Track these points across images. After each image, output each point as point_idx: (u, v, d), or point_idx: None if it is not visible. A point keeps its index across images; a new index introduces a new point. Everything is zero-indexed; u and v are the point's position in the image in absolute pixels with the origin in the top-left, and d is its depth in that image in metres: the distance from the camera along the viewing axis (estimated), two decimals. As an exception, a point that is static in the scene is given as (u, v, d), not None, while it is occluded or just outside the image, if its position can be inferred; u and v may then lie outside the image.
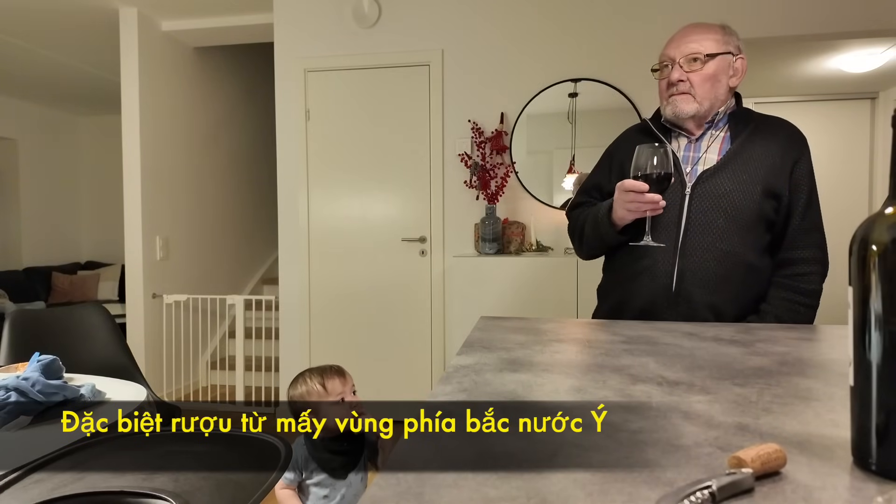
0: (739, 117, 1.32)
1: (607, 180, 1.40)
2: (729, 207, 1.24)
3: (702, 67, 1.26)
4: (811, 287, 1.27)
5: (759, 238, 1.27)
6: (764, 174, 1.25)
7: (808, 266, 1.28)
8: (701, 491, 0.38)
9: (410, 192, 3.23)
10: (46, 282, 5.44)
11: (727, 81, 1.29)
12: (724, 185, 1.25)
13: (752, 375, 0.71)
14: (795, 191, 1.27)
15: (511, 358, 0.81)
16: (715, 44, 1.27)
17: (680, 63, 1.27)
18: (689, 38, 1.28)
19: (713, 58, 1.26)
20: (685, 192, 1.27)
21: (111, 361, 2.14)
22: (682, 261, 1.25)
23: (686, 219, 1.26)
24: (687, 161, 1.30)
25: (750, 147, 1.27)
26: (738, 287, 1.25)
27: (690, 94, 1.26)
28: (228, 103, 4.59)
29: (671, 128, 1.34)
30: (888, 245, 0.43)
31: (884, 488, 0.41)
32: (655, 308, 1.27)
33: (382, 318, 3.27)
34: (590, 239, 1.38)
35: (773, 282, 1.29)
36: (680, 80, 1.26)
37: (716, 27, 1.31)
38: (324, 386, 1.46)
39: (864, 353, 0.44)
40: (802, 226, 1.28)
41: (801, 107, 4.91)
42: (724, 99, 1.30)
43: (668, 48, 1.31)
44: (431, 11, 3.17)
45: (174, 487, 0.92)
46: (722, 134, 1.31)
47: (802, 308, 1.27)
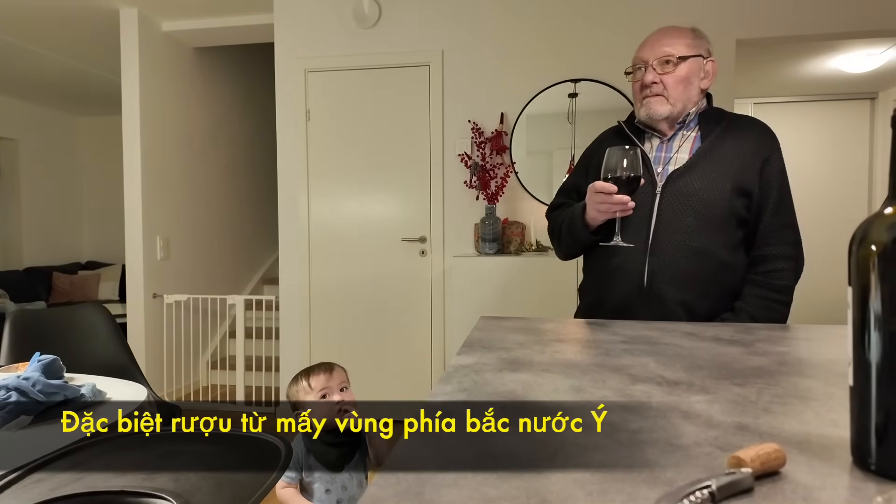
0: (711, 117, 1.35)
1: (584, 181, 1.43)
2: (698, 205, 1.26)
3: (674, 69, 1.28)
4: (783, 283, 1.29)
5: (730, 235, 1.29)
6: (734, 172, 1.27)
7: (781, 263, 1.29)
8: (700, 490, 0.38)
9: (410, 192, 3.23)
10: (47, 282, 5.44)
11: (698, 83, 1.32)
12: (693, 184, 1.27)
13: (751, 375, 0.71)
14: (766, 188, 1.29)
15: (511, 358, 0.81)
16: (686, 47, 1.30)
17: (653, 65, 1.30)
18: (662, 42, 1.31)
19: (685, 60, 1.29)
20: (656, 192, 1.30)
21: (112, 361, 2.14)
22: (652, 259, 1.28)
23: (656, 217, 1.29)
24: (658, 161, 1.33)
25: (720, 145, 1.30)
26: (710, 284, 1.27)
27: (664, 96, 1.29)
28: (229, 103, 4.59)
29: (644, 129, 1.37)
30: (888, 245, 0.43)
31: (883, 488, 0.41)
32: (629, 306, 1.30)
33: (382, 317, 3.27)
34: (566, 239, 1.41)
35: (746, 279, 1.31)
36: (654, 82, 1.29)
37: (687, 30, 1.33)
38: (308, 383, 1.48)
39: (864, 353, 0.44)
40: (774, 222, 1.29)
41: (801, 107, 4.91)
42: (695, 100, 1.33)
43: (642, 51, 1.33)
44: (431, 11, 3.17)
45: (174, 487, 0.92)
46: (693, 134, 1.34)
47: (776, 304, 1.28)
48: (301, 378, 1.50)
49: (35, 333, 2.14)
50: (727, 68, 2.87)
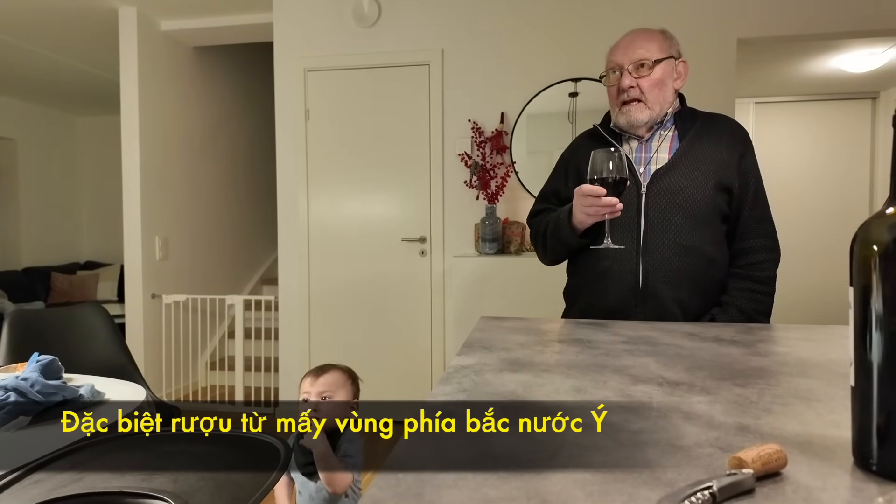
0: (685, 116, 1.36)
1: (564, 186, 1.44)
2: (684, 203, 1.28)
3: (650, 73, 1.30)
4: (766, 274, 1.32)
5: (715, 231, 1.31)
6: (714, 169, 1.30)
7: (762, 254, 1.32)
8: (702, 491, 0.38)
9: (410, 192, 3.23)
10: (46, 282, 5.44)
11: (672, 85, 1.34)
12: (678, 183, 1.29)
13: (752, 376, 0.71)
14: (743, 183, 1.32)
15: (511, 358, 0.81)
16: (659, 48, 1.32)
17: (629, 69, 1.31)
18: (636, 45, 1.32)
19: (660, 63, 1.30)
20: (641, 192, 1.31)
21: (110, 362, 2.14)
22: (645, 259, 1.29)
23: (644, 218, 1.30)
24: (639, 162, 1.34)
25: (698, 144, 1.32)
26: (702, 281, 1.29)
27: (642, 102, 1.30)
28: (228, 103, 4.59)
29: (621, 132, 1.38)
30: (889, 245, 0.43)
31: (884, 489, 0.41)
32: (624, 307, 1.31)
33: (382, 318, 3.27)
34: (552, 244, 1.41)
35: (730, 273, 1.33)
36: (630, 86, 1.30)
37: (657, 32, 1.35)
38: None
39: (865, 353, 0.44)
40: (753, 216, 1.33)
41: (801, 107, 4.91)
42: (671, 101, 1.34)
43: (615, 55, 1.34)
44: (431, 11, 3.17)
45: (174, 487, 0.92)
46: (670, 133, 1.35)
47: (761, 296, 1.31)
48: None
49: (33, 334, 2.13)
50: (728, 68, 2.87)
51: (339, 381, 1.49)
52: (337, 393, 1.47)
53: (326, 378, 1.48)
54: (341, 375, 1.51)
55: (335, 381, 1.48)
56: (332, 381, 1.48)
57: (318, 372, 1.50)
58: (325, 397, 1.45)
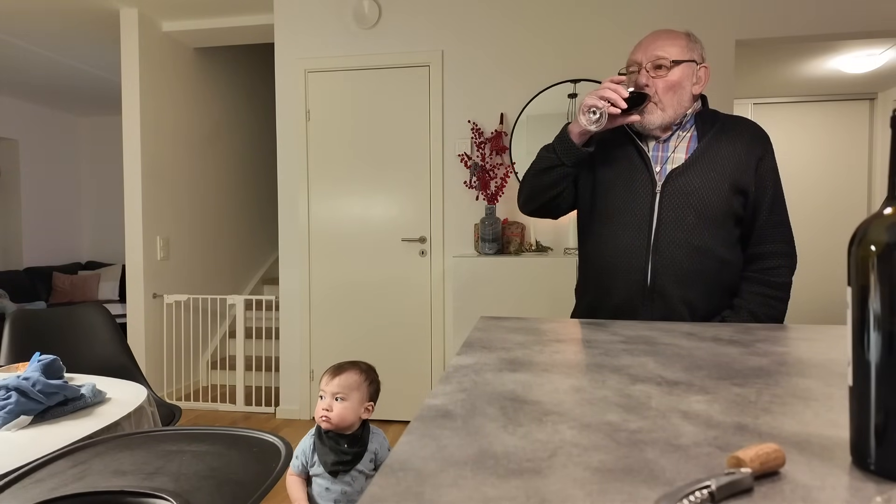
0: (706, 118, 1.35)
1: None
2: (699, 204, 1.28)
3: (667, 74, 1.28)
4: (781, 280, 1.30)
5: (728, 233, 1.30)
6: (731, 171, 1.28)
7: (778, 260, 1.31)
8: (700, 491, 0.38)
9: (410, 193, 3.23)
10: (47, 282, 5.45)
11: (690, 89, 1.32)
12: (693, 183, 1.28)
13: (751, 375, 0.71)
14: (761, 187, 1.30)
15: (511, 358, 0.81)
16: (680, 51, 1.30)
17: (646, 68, 1.30)
18: (656, 45, 1.31)
19: (678, 65, 1.29)
20: (655, 191, 1.30)
21: (112, 361, 2.14)
22: (655, 257, 1.28)
23: (658, 216, 1.29)
24: (656, 161, 1.34)
25: (716, 146, 1.31)
26: (711, 282, 1.29)
27: (654, 104, 1.29)
28: (229, 104, 4.59)
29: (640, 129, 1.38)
30: (887, 245, 0.43)
31: (882, 488, 0.41)
32: (632, 305, 1.30)
33: (382, 317, 3.27)
34: (538, 167, 1.37)
35: (744, 277, 1.32)
36: (646, 84, 1.29)
37: (682, 35, 1.33)
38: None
39: (863, 353, 0.44)
40: (770, 220, 1.31)
41: (801, 107, 4.91)
42: (687, 105, 1.32)
43: (636, 53, 1.33)
44: (431, 12, 3.17)
45: (174, 487, 0.92)
46: (689, 134, 1.34)
47: (774, 301, 1.30)
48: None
49: (35, 333, 2.14)
50: (726, 69, 2.87)
51: (354, 384, 1.48)
52: (350, 395, 1.47)
53: (341, 379, 1.48)
54: (357, 377, 1.50)
55: (350, 383, 1.48)
56: (347, 383, 1.48)
57: (336, 371, 1.50)
58: (339, 398, 1.46)
